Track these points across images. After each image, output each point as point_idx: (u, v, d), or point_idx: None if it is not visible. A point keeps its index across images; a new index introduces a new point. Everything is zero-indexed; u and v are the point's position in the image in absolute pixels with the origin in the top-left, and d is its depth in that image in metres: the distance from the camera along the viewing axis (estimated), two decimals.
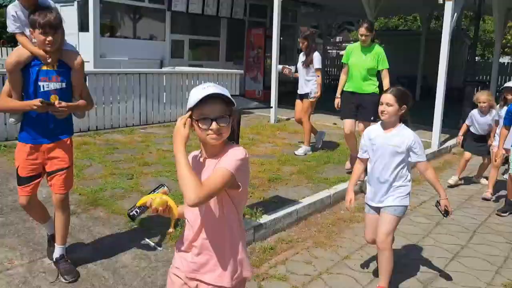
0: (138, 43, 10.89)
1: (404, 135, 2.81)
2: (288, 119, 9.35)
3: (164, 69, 9.90)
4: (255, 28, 13.44)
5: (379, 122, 2.94)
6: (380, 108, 2.79)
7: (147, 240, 3.52)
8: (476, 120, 5.36)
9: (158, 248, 3.41)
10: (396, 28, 33.89)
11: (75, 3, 9.91)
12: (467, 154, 5.47)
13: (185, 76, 8.62)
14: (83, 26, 9.94)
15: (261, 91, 13.04)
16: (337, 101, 5.51)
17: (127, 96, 7.71)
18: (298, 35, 17.68)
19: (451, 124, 8.09)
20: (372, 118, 5.05)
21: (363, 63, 5.20)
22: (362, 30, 5.10)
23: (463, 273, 3.32)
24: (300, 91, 6.39)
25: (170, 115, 8.39)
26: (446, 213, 2.84)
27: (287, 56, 15.75)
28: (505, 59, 34.81)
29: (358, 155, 3.07)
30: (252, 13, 13.93)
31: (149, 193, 1.83)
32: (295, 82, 6.72)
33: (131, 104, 7.78)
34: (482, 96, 5.28)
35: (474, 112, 5.40)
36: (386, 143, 2.82)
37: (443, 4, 7.22)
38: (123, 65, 9.43)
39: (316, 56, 6.14)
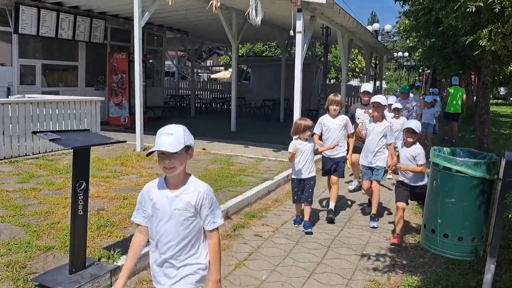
0: None
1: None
2: None
3: (11, 98, 8.86)
4: (118, 52, 12.95)
5: None
6: None
7: None
8: None
9: None
10: (261, 53, 36.05)
11: None
12: None
13: (35, 105, 7.79)
14: None
15: (127, 117, 12.50)
16: None
17: None
18: (165, 59, 17.68)
19: None
20: None
21: None
22: None
23: None
24: None
25: (19, 149, 7.45)
26: None
27: (155, 80, 15.56)
28: (354, 82, 39.45)
29: None
30: (115, 37, 13.46)
31: None
32: (165, 107, 6.56)
33: None
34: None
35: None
36: None
37: (295, 35, 7.90)
38: None
39: None
